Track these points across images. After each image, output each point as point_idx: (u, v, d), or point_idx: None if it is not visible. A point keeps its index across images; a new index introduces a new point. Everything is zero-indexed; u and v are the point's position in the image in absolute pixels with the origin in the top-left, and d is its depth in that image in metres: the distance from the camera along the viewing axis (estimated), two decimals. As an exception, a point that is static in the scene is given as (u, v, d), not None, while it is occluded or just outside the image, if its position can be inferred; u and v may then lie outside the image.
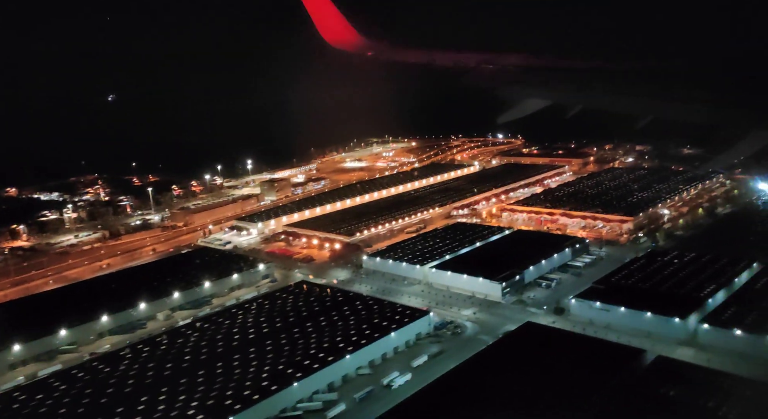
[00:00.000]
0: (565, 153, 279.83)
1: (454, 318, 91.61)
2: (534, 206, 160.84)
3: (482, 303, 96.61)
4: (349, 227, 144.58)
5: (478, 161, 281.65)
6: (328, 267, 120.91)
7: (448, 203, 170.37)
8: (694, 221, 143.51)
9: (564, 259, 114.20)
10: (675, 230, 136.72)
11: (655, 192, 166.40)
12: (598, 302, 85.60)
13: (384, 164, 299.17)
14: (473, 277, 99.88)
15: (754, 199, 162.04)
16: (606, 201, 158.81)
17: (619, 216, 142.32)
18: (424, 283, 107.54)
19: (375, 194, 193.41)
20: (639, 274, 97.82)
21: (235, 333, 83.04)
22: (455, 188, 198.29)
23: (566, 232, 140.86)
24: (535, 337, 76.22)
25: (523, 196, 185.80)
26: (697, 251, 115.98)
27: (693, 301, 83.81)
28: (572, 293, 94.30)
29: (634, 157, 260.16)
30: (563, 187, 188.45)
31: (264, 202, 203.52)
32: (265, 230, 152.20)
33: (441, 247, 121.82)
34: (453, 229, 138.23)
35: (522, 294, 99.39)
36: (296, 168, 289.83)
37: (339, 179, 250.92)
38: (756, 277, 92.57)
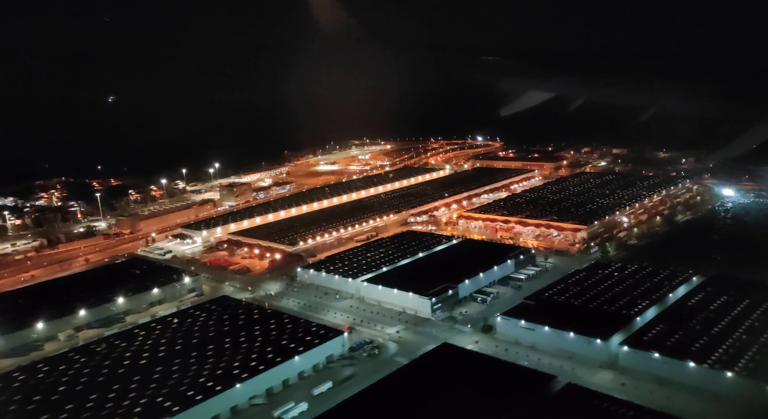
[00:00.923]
0: (541, 156, 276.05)
1: (377, 336, 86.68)
2: (491, 214, 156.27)
3: (411, 320, 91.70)
4: (294, 235, 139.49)
5: (452, 165, 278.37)
6: (263, 279, 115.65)
7: (404, 210, 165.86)
8: (650, 229, 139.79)
9: (506, 271, 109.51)
10: (629, 239, 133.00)
11: (617, 199, 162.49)
12: (523, 320, 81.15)
13: (357, 167, 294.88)
14: (403, 292, 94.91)
15: (717, 206, 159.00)
16: (564, 208, 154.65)
17: (573, 225, 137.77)
18: (357, 297, 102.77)
19: (334, 200, 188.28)
20: (575, 288, 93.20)
21: (127, 357, 77.18)
22: (418, 193, 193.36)
23: (519, 241, 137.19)
24: (448, 361, 71.39)
25: (488, 201, 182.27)
26: (645, 262, 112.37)
27: (620, 320, 79.43)
28: (506, 309, 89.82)
29: (608, 161, 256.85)
30: (527, 193, 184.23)
31: (222, 207, 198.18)
32: (210, 239, 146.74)
33: (381, 258, 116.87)
34: (400, 238, 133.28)
35: (454, 310, 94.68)
36: (265, 171, 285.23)
37: (306, 183, 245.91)
38: (692, 292, 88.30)
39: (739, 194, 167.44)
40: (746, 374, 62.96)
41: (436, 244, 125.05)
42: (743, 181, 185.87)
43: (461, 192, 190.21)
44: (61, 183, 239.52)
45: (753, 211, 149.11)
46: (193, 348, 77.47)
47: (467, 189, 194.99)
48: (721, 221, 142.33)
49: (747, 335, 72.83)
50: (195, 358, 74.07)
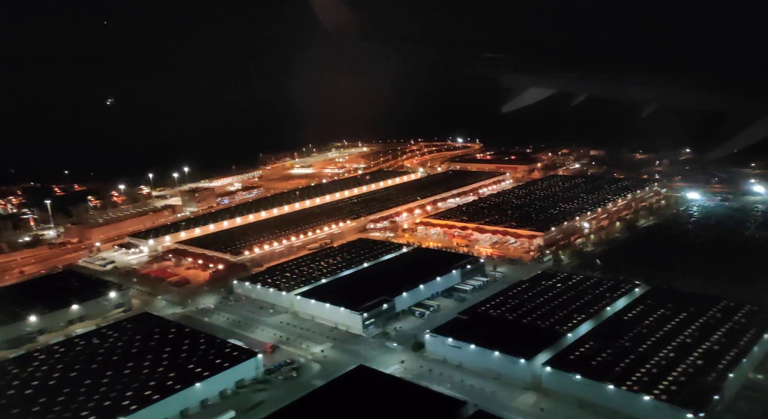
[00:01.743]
0: (518, 159, 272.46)
1: (301, 355, 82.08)
2: (450, 220, 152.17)
3: (341, 337, 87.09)
4: (241, 244, 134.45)
5: (426, 168, 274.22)
6: (200, 292, 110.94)
7: (363, 216, 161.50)
8: (608, 235, 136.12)
9: (451, 282, 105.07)
10: (585, 246, 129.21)
11: (581, 203, 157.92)
12: (450, 338, 76.90)
13: (331, 170, 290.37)
14: (335, 306, 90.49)
15: (682, 210, 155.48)
16: (525, 214, 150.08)
17: (529, 231, 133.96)
18: (291, 312, 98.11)
19: (296, 205, 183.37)
20: (513, 301, 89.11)
21: (17, 386, 71.12)
22: (383, 198, 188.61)
23: (475, 248, 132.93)
24: (360, 385, 67.08)
25: (454, 206, 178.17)
26: (594, 272, 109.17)
27: (549, 337, 75.36)
28: (441, 324, 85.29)
29: (583, 163, 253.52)
30: (492, 197, 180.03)
31: (183, 214, 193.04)
32: (158, 248, 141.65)
33: (323, 268, 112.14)
34: (351, 247, 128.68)
35: (389, 326, 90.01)
36: (237, 175, 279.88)
37: (276, 188, 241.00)
38: (631, 305, 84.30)
39: (706, 197, 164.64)
40: (665, 398, 59.04)
41: (385, 253, 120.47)
42: (713, 183, 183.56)
43: (427, 197, 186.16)
44: (24, 189, 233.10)
45: (717, 215, 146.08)
46: (89, 375, 72.29)
47: (434, 193, 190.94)
48: (683, 226, 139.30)
49: (675, 353, 69.03)
50: (87, 387, 68.92)
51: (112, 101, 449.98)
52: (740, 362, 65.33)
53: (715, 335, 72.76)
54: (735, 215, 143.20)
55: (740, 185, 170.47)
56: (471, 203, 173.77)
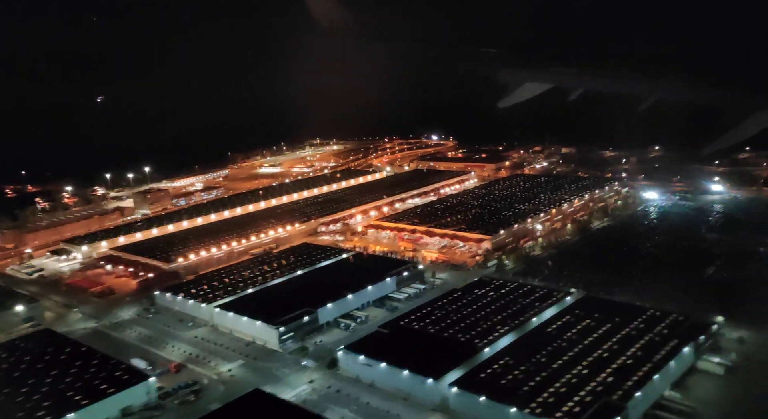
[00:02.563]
0: (488, 157, 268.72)
1: (208, 374, 76.97)
2: (401, 222, 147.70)
3: (256, 354, 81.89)
4: (178, 250, 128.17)
5: (395, 166, 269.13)
6: (122, 303, 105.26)
7: (314, 218, 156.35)
8: (558, 238, 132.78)
9: (385, 290, 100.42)
10: (532, 250, 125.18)
11: (538, 204, 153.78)
12: (362, 355, 72.40)
13: (299, 169, 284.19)
14: (252, 320, 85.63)
15: (639, 210, 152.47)
16: (479, 215, 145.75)
17: (477, 234, 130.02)
18: (211, 325, 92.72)
19: (250, 207, 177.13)
20: (439, 312, 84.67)
21: None
22: (341, 198, 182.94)
23: (421, 253, 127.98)
24: (252, 412, 62.35)
25: (414, 207, 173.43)
26: (538, 277, 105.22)
27: (465, 353, 70.94)
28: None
29: (551, 161, 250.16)
30: (450, 198, 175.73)
31: (133, 216, 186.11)
32: (93, 254, 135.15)
33: (253, 277, 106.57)
34: (291, 252, 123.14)
35: (310, 340, 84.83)
36: (201, 175, 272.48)
37: (239, 188, 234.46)
38: (557, 316, 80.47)
39: (664, 197, 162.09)
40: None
41: (323, 259, 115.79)
42: (674, 182, 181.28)
43: (386, 197, 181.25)
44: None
45: (671, 216, 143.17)
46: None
47: (394, 194, 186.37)
48: (635, 228, 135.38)
49: (589, 370, 65.13)
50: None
51: (102, 99, 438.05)
52: (651, 379, 61.80)
53: (632, 348, 69.17)
54: (690, 216, 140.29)
55: (700, 184, 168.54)
56: (427, 205, 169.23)
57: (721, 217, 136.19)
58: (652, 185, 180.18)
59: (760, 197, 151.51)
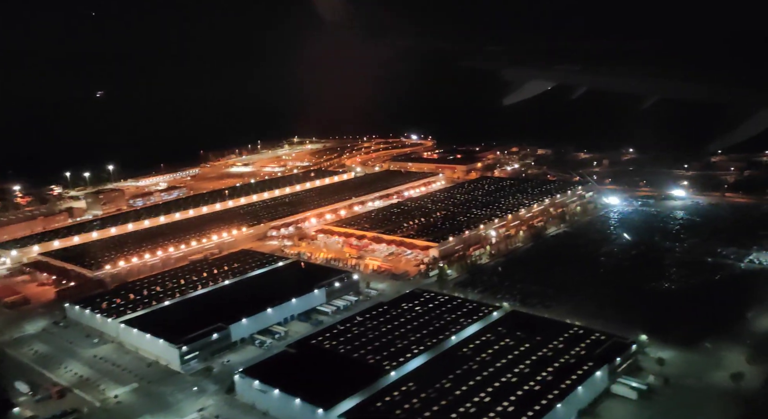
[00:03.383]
0: (462, 157, 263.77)
1: (94, 401, 70.92)
2: (352, 227, 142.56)
3: (155, 376, 76.15)
4: (111, 255, 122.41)
5: (367, 166, 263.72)
6: (34, 315, 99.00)
7: (264, 222, 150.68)
8: (508, 246, 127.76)
9: (313, 302, 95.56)
10: (480, 258, 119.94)
11: (496, 209, 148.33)
12: (257, 381, 67.13)
13: (271, 168, 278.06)
14: (155, 338, 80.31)
15: (598, 216, 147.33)
16: (433, 221, 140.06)
17: (424, 241, 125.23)
18: (118, 342, 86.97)
19: (204, 209, 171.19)
20: (357, 329, 79.70)
21: None
22: (299, 201, 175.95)
23: (365, 261, 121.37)
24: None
25: (372, 210, 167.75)
26: (479, 288, 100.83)
27: (368, 377, 65.88)
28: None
29: (524, 163, 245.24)
30: (409, 201, 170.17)
31: (84, 217, 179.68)
32: (23, 259, 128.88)
33: (176, 287, 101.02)
34: (227, 260, 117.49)
35: (218, 359, 79.11)
36: (168, 174, 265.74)
37: (204, 187, 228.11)
38: (479, 333, 75.75)
39: (626, 202, 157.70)
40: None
41: (258, 268, 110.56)
42: (640, 186, 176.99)
43: (346, 199, 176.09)
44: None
45: (630, 222, 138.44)
46: None
47: (355, 196, 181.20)
48: (590, 235, 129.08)
49: (491, 398, 60.11)
50: None
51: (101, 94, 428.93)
52: (554, 408, 57.35)
53: (544, 372, 64.68)
54: (649, 223, 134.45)
55: (664, 189, 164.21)
56: (385, 208, 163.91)
57: (678, 224, 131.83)
58: (618, 190, 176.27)
59: (722, 203, 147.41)
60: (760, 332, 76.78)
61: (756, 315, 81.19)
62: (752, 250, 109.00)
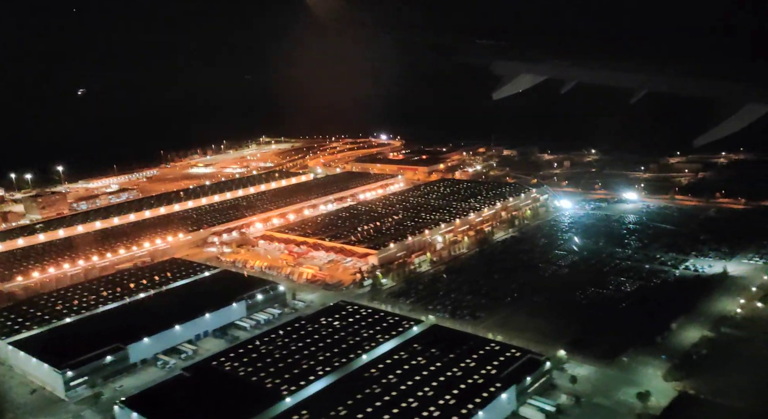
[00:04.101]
0: (428, 159, 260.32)
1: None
2: (294, 233, 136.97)
3: (34, 405, 69.40)
4: (28, 265, 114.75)
5: (328, 168, 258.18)
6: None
7: (204, 228, 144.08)
8: (453, 253, 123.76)
9: (231, 316, 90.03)
10: (420, 266, 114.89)
11: (445, 213, 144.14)
12: (135, 413, 60.85)
13: (233, 169, 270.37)
14: (40, 361, 73.65)
15: (549, 220, 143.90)
16: (379, 226, 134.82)
17: (364, 248, 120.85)
18: (8, 365, 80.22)
19: (147, 213, 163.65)
20: (266, 347, 74.26)
21: None
22: (249, 204, 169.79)
23: (300, 269, 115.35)
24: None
25: (323, 213, 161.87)
26: (411, 298, 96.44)
27: (260, 404, 60.43)
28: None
29: (486, 164, 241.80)
30: (360, 205, 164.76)
31: (20, 222, 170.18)
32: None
33: (83, 303, 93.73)
34: (154, 269, 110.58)
35: (111, 384, 72.76)
36: (123, 175, 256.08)
37: (158, 189, 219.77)
38: (393, 350, 71.14)
39: (578, 205, 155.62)
40: None
41: (182, 278, 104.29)
42: (596, 189, 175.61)
43: (298, 202, 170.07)
44: None
45: (580, 226, 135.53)
46: None
47: (307, 198, 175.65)
48: (535, 240, 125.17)
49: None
50: None
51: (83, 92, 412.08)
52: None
53: (449, 394, 60.40)
54: (597, 227, 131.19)
55: (617, 192, 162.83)
56: (333, 212, 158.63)
57: (624, 229, 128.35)
58: (575, 192, 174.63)
59: (672, 206, 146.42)
60: (681, 345, 74.21)
61: (680, 326, 79.01)
62: (690, 256, 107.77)
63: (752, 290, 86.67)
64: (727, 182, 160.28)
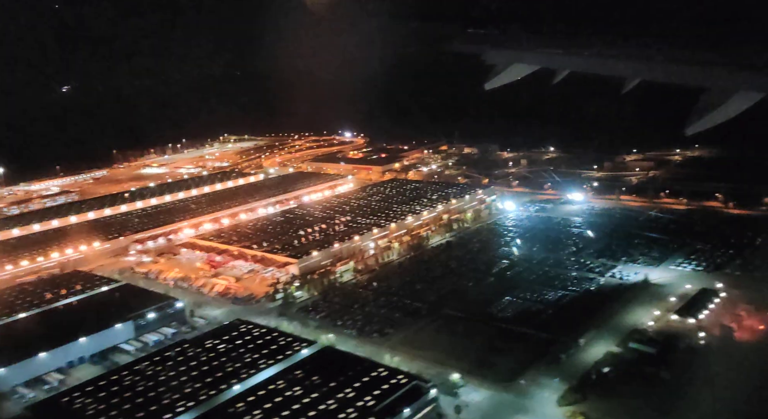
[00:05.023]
0: (386, 157, 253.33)
1: None
2: (218, 240, 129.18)
3: None
4: None
5: (280, 167, 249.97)
6: None
7: (125, 235, 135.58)
8: (383, 259, 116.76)
9: (114, 339, 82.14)
10: (341, 275, 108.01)
11: (383, 216, 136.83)
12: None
13: (186, 170, 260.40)
14: None
15: (489, 223, 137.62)
16: (308, 232, 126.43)
17: (284, 257, 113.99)
18: None
19: (73, 218, 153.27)
20: (131, 378, 67.22)
21: None
22: (183, 208, 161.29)
23: (213, 281, 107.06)
24: None
25: (261, 217, 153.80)
26: (322, 313, 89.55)
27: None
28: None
29: (440, 164, 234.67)
30: (297, 208, 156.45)
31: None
32: None
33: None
34: (49, 284, 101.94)
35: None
36: (70, 176, 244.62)
37: (102, 192, 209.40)
38: (272, 379, 64.09)
39: (522, 207, 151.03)
40: None
41: (73, 295, 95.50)
42: (545, 189, 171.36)
43: (237, 205, 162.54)
44: None
45: (519, 231, 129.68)
46: None
47: (249, 201, 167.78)
48: (471, 246, 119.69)
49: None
50: None
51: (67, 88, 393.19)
52: None
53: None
54: (537, 230, 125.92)
55: (565, 192, 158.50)
56: (269, 216, 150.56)
57: (562, 233, 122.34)
58: (525, 192, 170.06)
59: (616, 207, 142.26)
60: (586, 362, 69.06)
61: (589, 341, 74.07)
62: (620, 262, 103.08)
63: (670, 301, 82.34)
64: (673, 182, 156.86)
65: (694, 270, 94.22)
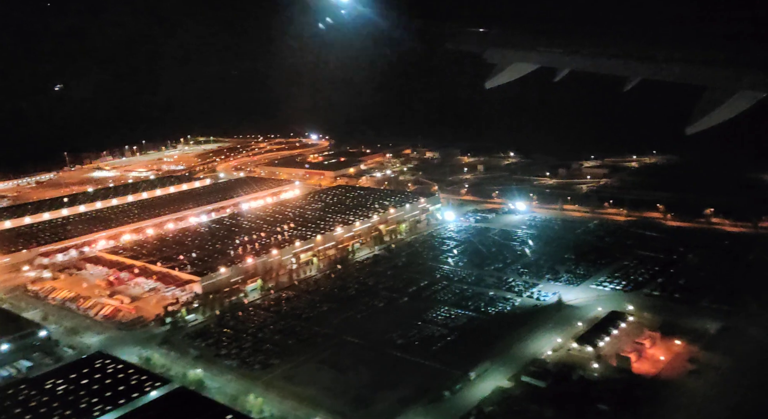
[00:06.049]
0: (345, 161, 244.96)
1: None
2: (126, 254, 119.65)
3: None
4: None
5: (233, 171, 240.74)
6: None
7: (31, 247, 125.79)
8: (298, 276, 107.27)
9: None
10: (247, 295, 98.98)
11: (313, 227, 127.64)
12: None
13: (138, 173, 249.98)
14: None
15: (426, 234, 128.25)
16: (224, 245, 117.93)
17: (187, 274, 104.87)
18: None
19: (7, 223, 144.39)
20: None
21: None
22: (106, 216, 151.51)
23: (107, 300, 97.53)
24: None
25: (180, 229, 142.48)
26: (211, 339, 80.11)
27: None
28: None
29: (395, 170, 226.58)
30: (230, 217, 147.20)
31: None
32: None
33: None
34: None
35: None
36: (8, 181, 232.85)
37: (38, 197, 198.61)
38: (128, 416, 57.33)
39: (463, 217, 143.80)
40: None
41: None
42: (492, 197, 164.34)
43: (168, 213, 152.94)
44: None
45: (454, 241, 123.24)
46: None
47: (183, 208, 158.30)
48: (396, 260, 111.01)
49: None
50: None
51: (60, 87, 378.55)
52: None
53: None
54: (470, 243, 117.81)
55: (510, 201, 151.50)
56: (192, 227, 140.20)
57: (494, 246, 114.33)
58: (472, 201, 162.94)
59: (558, 218, 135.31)
60: (471, 401, 61.28)
61: (481, 375, 66.05)
62: (543, 280, 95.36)
63: (578, 326, 75.02)
64: (621, 190, 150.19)
65: (613, 290, 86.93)
